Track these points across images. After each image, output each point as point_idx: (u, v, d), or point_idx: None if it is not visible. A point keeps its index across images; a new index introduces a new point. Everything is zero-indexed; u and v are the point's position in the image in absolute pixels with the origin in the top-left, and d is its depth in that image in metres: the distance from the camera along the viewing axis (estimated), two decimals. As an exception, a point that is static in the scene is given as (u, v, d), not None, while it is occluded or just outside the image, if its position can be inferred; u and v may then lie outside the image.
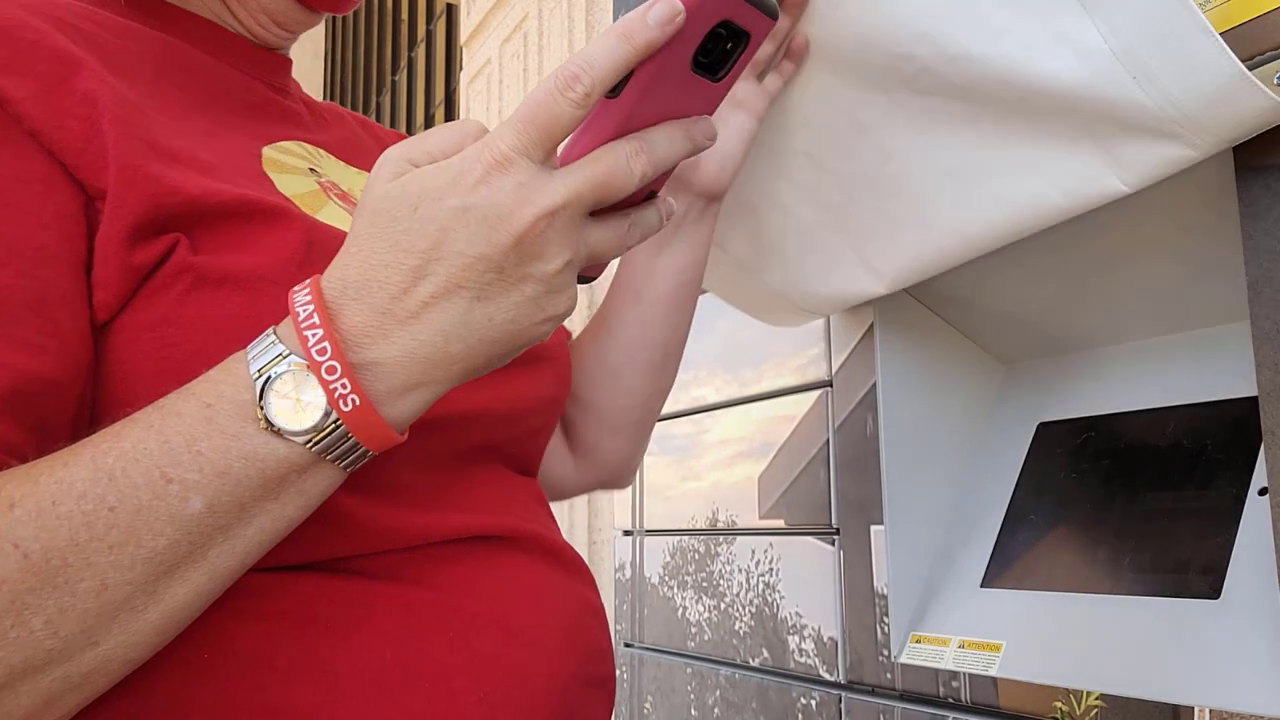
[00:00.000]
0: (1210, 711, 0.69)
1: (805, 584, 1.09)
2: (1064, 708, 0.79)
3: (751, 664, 1.16)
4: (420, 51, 7.80)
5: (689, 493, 1.32)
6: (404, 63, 8.37)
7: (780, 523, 1.15)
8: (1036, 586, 0.87)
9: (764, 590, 1.15)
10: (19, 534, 0.39)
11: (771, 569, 1.15)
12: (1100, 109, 0.65)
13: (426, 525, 0.55)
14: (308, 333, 0.42)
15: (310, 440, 0.42)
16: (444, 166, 0.43)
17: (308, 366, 0.42)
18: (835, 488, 1.05)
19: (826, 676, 1.03)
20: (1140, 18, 0.61)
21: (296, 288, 0.44)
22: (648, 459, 1.43)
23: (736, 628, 1.20)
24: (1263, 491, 0.68)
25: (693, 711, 1.28)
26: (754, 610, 1.17)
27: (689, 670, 1.29)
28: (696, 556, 1.30)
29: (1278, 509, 0.65)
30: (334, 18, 8.98)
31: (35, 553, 0.39)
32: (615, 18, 1.65)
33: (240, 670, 0.48)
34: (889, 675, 0.95)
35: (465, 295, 0.43)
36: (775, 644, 1.13)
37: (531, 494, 0.66)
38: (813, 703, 1.05)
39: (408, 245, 0.43)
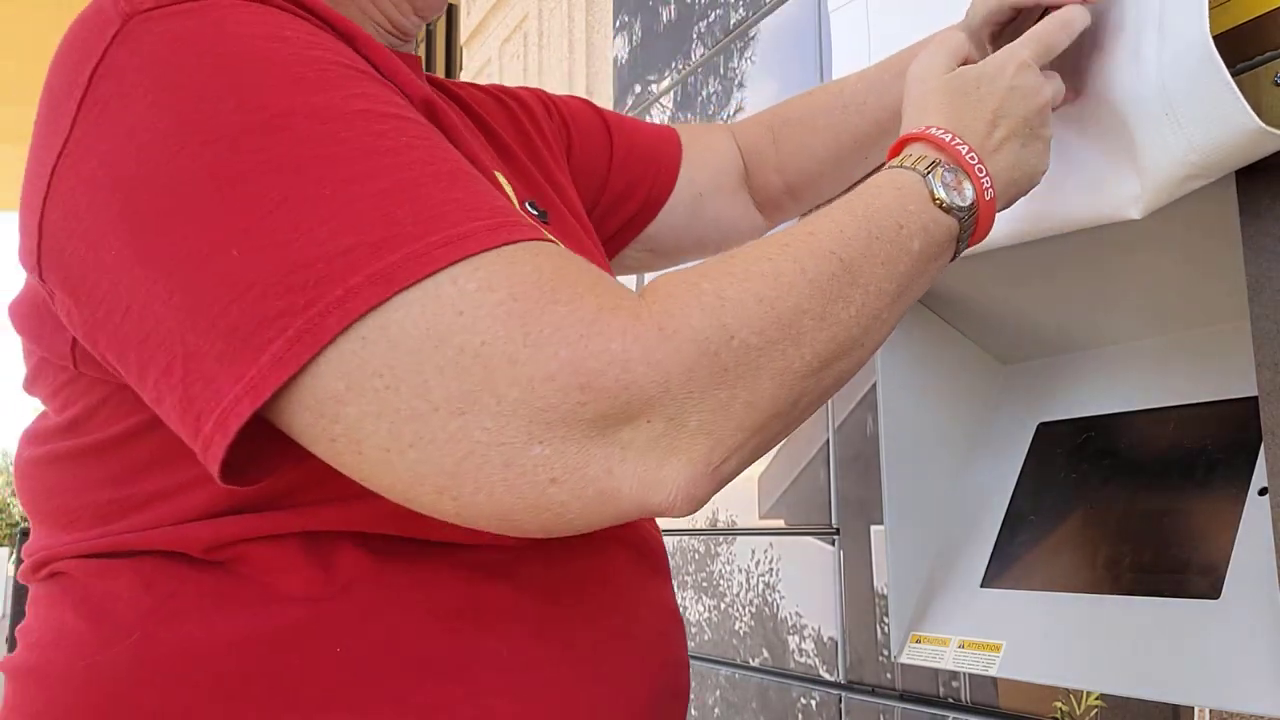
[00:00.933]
0: (1210, 711, 0.69)
1: (805, 584, 1.09)
2: (1064, 708, 0.79)
3: (751, 664, 1.16)
4: (420, 51, 7.79)
5: (689, 493, 1.32)
6: (404, 63, 8.34)
7: (780, 523, 1.15)
8: (1036, 586, 0.87)
9: (764, 590, 1.15)
10: (830, 246, 0.51)
11: (771, 569, 1.15)
12: (1138, 132, 0.67)
13: None
14: (958, 146, 0.60)
15: (964, 216, 0.58)
16: (989, 62, 0.66)
17: (963, 168, 0.59)
18: (835, 488, 1.05)
19: (826, 676, 1.03)
20: (1178, 59, 0.64)
21: (916, 131, 0.61)
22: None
23: (736, 628, 1.20)
24: (1263, 491, 0.68)
25: (693, 711, 1.28)
26: (754, 610, 1.17)
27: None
28: (696, 556, 1.30)
29: (1278, 509, 0.65)
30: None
31: (846, 258, 0.51)
32: (615, 18, 1.65)
33: (376, 662, 0.52)
34: (889, 675, 0.95)
35: (1019, 139, 0.64)
36: (775, 644, 1.13)
37: None
38: (813, 703, 1.05)
39: (981, 108, 0.63)
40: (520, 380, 0.42)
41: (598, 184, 0.87)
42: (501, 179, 0.71)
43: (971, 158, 0.60)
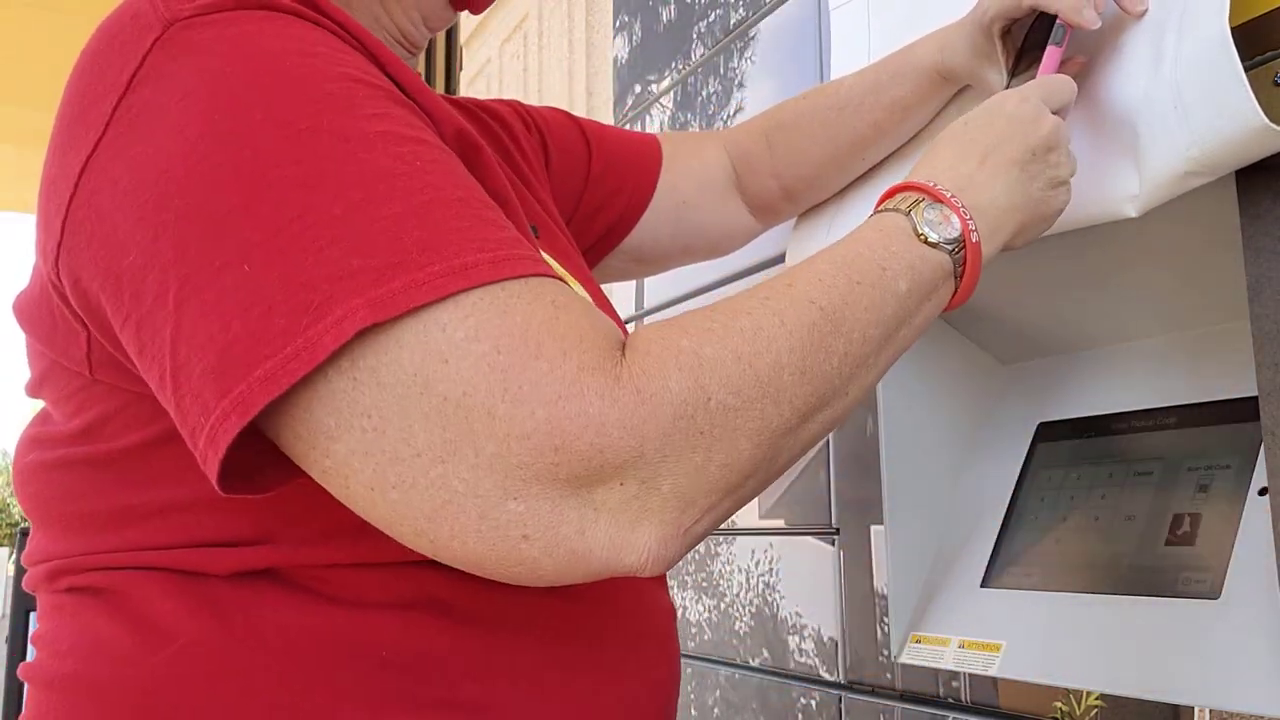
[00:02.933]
0: (1210, 711, 0.69)
1: (805, 584, 1.09)
2: (1064, 708, 0.79)
3: (751, 664, 1.16)
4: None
5: (689, 493, 1.32)
6: (404, 63, 8.34)
7: (780, 523, 1.15)
8: (1036, 586, 0.87)
9: (764, 590, 1.16)
10: (810, 296, 0.51)
11: (771, 569, 1.15)
12: (1143, 126, 0.67)
13: None
14: (939, 187, 0.59)
15: (953, 249, 0.57)
16: (989, 101, 0.67)
17: (944, 203, 0.59)
18: (835, 488, 1.05)
19: (826, 676, 1.03)
20: (1194, 52, 0.64)
21: (900, 183, 0.61)
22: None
23: (736, 628, 1.20)
24: (1263, 491, 0.68)
25: (693, 712, 1.28)
26: (754, 610, 1.17)
27: (689, 670, 1.29)
28: (696, 556, 1.30)
29: (1278, 509, 0.65)
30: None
31: (826, 306, 0.51)
32: (615, 18, 1.65)
33: (418, 665, 0.53)
34: (889, 675, 0.95)
35: (1015, 169, 0.63)
36: (775, 644, 1.13)
37: None
38: (813, 703, 1.05)
39: (971, 146, 0.63)
40: (497, 435, 0.43)
41: (575, 194, 0.87)
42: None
43: (949, 192, 0.60)
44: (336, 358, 0.43)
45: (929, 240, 0.57)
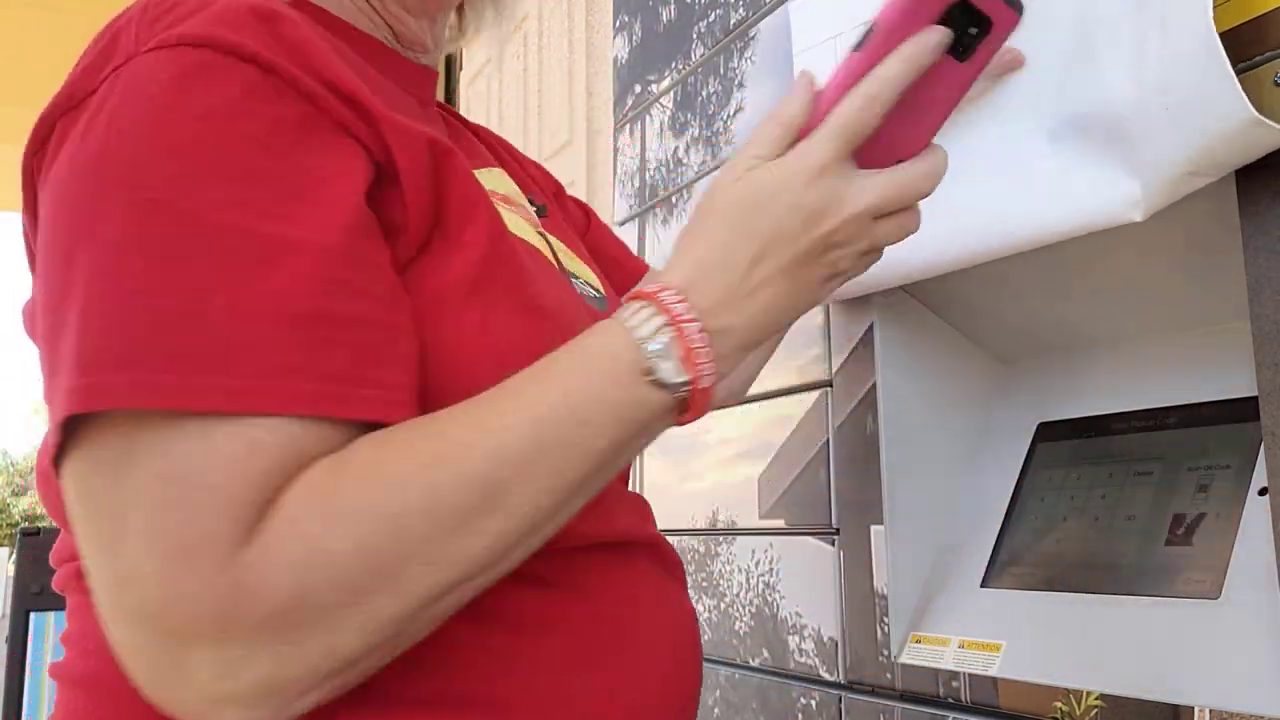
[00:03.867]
0: (1210, 711, 0.69)
1: (805, 584, 1.09)
2: (1064, 708, 0.79)
3: (751, 664, 1.16)
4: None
5: (689, 493, 1.32)
6: (404, 63, 8.33)
7: (780, 523, 1.15)
8: (1036, 586, 0.87)
9: (764, 590, 1.15)
10: (478, 467, 0.47)
11: (771, 569, 1.15)
12: (1137, 130, 0.67)
13: (599, 529, 0.60)
14: (687, 319, 0.51)
15: (681, 389, 0.51)
16: (777, 166, 0.54)
17: (684, 340, 0.51)
18: (835, 488, 1.05)
19: (826, 676, 1.03)
20: (1180, 52, 0.64)
21: (656, 275, 0.56)
22: (648, 459, 1.43)
23: (736, 628, 1.20)
24: (1263, 491, 0.68)
25: (693, 711, 1.28)
26: (754, 610, 1.17)
27: (689, 670, 1.29)
28: (697, 556, 1.30)
29: (1278, 509, 0.65)
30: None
31: (491, 480, 0.47)
32: (615, 18, 1.65)
33: (438, 663, 0.53)
34: (889, 675, 0.95)
35: (789, 275, 0.54)
36: (775, 644, 1.12)
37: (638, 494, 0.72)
38: (813, 703, 1.05)
39: (750, 235, 0.53)
40: (129, 561, 0.45)
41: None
42: (502, 174, 0.72)
43: (697, 321, 0.52)
44: (78, 426, 0.46)
45: (656, 379, 0.51)
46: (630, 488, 0.72)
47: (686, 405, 0.52)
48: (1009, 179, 0.78)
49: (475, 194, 0.59)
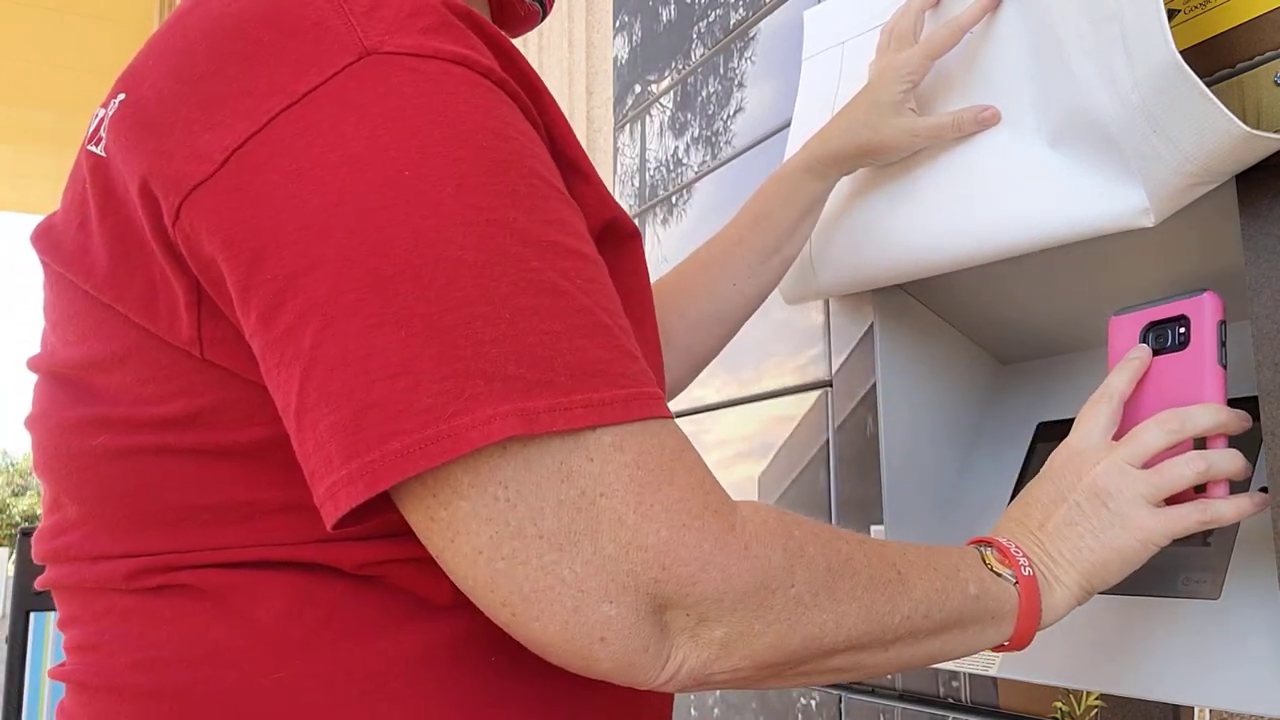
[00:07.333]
0: (1210, 711, 0.69)
1: (805, 584, 1.09)
2: (1064, 708, 0.79)
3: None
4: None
5: (689, 493, 1.32)
6: (404, 62, 8.32)
7: (780, 523, 1.14)
8: (1036, 586, 0.87)
9: (764, 590, 1.15)
10: (893, 559, 0.56)
11: (771, 569, 1.15)
12: (1131, 151, 0.68)
13: None
14: (998, 539, 0.66)
15: (1013, 584, 0.63)
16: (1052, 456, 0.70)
17: (997, 547, 0.65)
18: (835, 488, 1.05)
19: (826, 676, 1.03)
20: (1151, 80, 0.64)
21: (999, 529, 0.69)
22: (648, 459, 1.43)
23: (736, 628, 1.20)
24: (1263, 491, 0.68)
25: (692, 712, 1.28)
26: (754, 610, 1.17)
27: (689, 670, 1.29)
28: (696, 556, 1.30)
29: (1278, 509, 0.65)
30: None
31: (905, 573, 0.56)
32: (615, 19, 1.65)
33: (520, 664, 0.53)
34: (889, 675, 0.95)
35: (1066, 525, 0.67)
36: (775, 644, 1.13)
37: None
38: (812, 703, 1.05)
39: (1037, 501, 0.69)
40: (620, 540, 0.46)
41: None
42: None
43: (1009, 542, 0.65)
44: (477, 452, 0.44)
45: (994, 569, 0.63)
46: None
47: (1020, 600, 0.63)
48: (1015, 181, 0.78)
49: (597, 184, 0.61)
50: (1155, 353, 0.71)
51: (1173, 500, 0.66)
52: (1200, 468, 0.65)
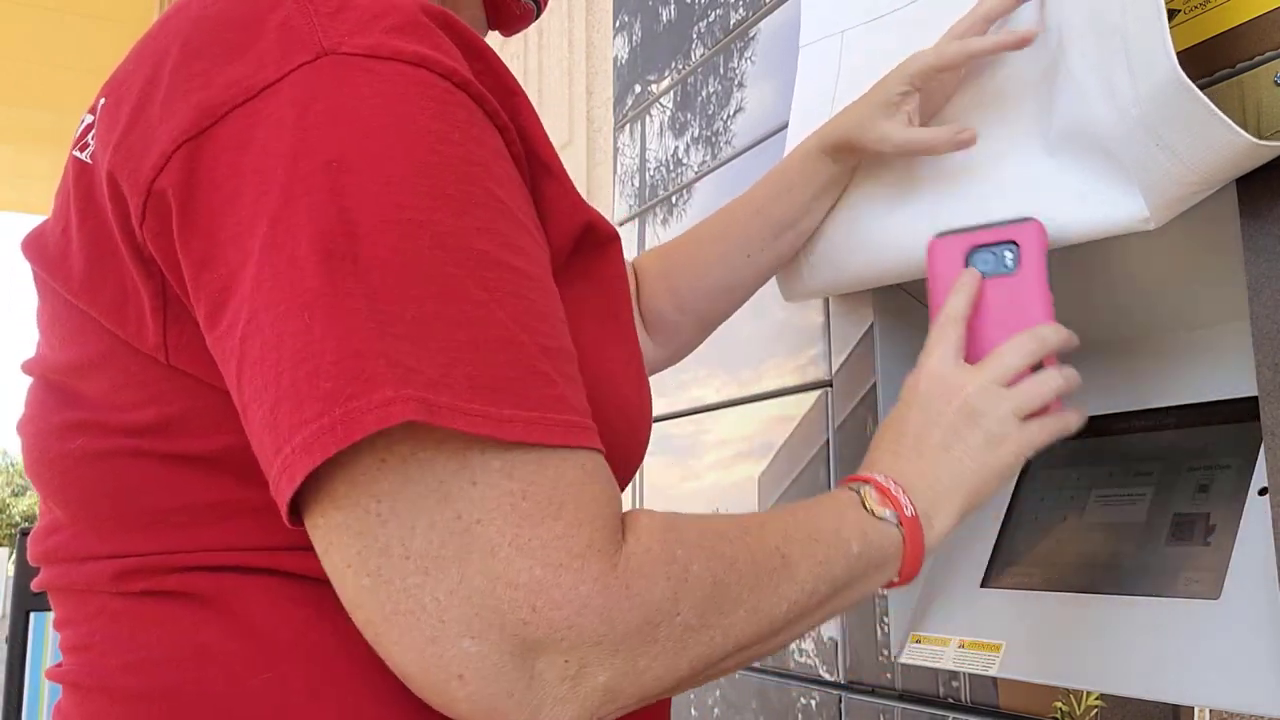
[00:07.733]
0: (1210, 711, 0.69)
1: (805, 584, 1.09)
2: (1064, 708, 0.79)
3: (751, 664, 1.17)
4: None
5: (689, 493, 1.32)
6: (404, 62, 8.32)
7: (780, 523, 1.15)
8: (1036, 586, 0.87)
9: (764, 590, 1.15)
10: (776, 542, 0.55)
11: (771, 569, 1.15)
12: (1133, 162, 0.68)
13: None
14: (874, 476, 0.65)
15: (896, 525, 0.63)
16: (909, 382, 0.72)
17: (874, 485, 0.64)
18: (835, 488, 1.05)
19: (826, 676, 1.03)
20: (1154, 95, 0.65)
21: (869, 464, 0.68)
22: (648, 459, 1.43)
23: (736, 628, 1.20)
24: (1263, 491, 0.68)
25: (692, 712, 1.28)
26: (754, 610, 1.17)
27: (689, 670, 1.29)
28: (696, 556, 1.30)
29: (1278, 509, 0.65)
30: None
31: (788, 555, 0.55)
32: (615, 18, 1.65)
33: None
34: (889, 675, 0.95)
35: (941, 449, 0.68)
36: (775, 644, 1.13)
37: None
38: (813, 703, 1.05)
39: (904, 431, 0.69)
40: (489, 573, 0.43)
41: None
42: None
43: (883, 478, 0.65)
44: (373, 436, 0.42)
45: (876, 514, 0.62)
46: (632, 487, 0.72)
47: (904, 542, 0.63)
48: (1014, 185, 0.78)
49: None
50: (982, 276, 0.74)
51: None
52: (1060, 383, 0.70)
